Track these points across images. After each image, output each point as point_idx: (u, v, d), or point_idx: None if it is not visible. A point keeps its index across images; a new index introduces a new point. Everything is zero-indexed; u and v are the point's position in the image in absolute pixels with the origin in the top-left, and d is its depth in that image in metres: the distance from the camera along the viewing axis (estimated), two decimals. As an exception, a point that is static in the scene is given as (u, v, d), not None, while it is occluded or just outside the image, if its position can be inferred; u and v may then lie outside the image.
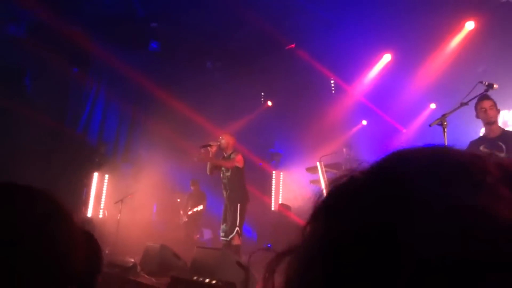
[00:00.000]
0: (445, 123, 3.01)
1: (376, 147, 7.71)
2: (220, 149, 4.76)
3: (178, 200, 8.46)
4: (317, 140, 8.03)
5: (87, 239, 0.73)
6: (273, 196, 9.25)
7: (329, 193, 0.38)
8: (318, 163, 6.23)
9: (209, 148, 4.67)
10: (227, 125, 8.28)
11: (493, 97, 3.49)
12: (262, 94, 9.66)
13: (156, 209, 8.70)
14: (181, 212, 7.88)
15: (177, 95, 8.44)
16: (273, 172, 9.48)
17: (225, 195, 4.69)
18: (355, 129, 8.81)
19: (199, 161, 4.65)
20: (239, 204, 4.60)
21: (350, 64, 7.65)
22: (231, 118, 8.85)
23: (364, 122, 8.84)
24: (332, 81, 8.68)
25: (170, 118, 8.41)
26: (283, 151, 9.71)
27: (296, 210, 7.47)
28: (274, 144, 9.91)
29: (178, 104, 8.46)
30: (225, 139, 4.78)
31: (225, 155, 4.81)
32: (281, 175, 9.50)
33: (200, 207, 7.46)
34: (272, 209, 8.98)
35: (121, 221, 6.53)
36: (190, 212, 7.64)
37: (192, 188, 7.85)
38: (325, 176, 6.35)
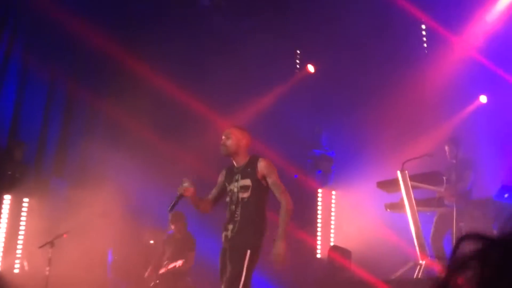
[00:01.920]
0: None
1: (506, 142, 7.83)
2: (226, 154, 4.87)
3: (151, 242, 8.45)
4: (397, 133, 8.28)
5: None
6: (319, 233, 9.18)
7: None
8: (399, 174, 6.33)
9: (181, 198, 4.83)
10: (236, 111, 8.55)
11: None
12: (298, 53, 9.62)
13: (112, 257, 8.62)
14: (148, 269, 7.85)
15: (149, 57, 8.49)
16: (319, 190, 9.39)
17: (228, 231, 4.79)
18: (466, 110, 8.70)
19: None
20: (249, 251, 4.64)
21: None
22: (243, 97, 9.01)
23: (483, 99, 8.66)
24: (423, 28, 8.66)
25: (137, 99, 8.53)
26: (336, 153, 9.60)
27: (362, 258, 7.52)
28: (319, 141, 9.75)
29: (151, 75, 8.57)
30: (233, 138, 4.88)
31: (236, 165, 4.89)
32: (333, 196, 9.37)
33: (179, 263, 7.41)
34: (318, 256, 8.97)
35: (53, 277, 6.62)
36: (163, 270, 7.60)
37: (172, 227, 7.77)
38: (413, 197, 6.33)
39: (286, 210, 4.65)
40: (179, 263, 7.40)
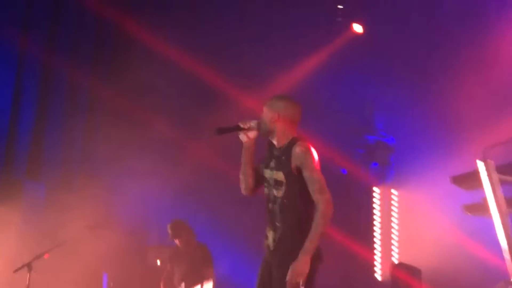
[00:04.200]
0: None
1: None
2: (262, 133, 4.90)
3: (158, 263, 8.52)
4: (478, 110, 8.28)
5: None
6: (377, 247, 9.27)
7: None
8: (480, 164, 6.29)
9: (240, 133, 4.89)
10: (262, 86, 8.72)
11: None
12: (340, 8, 9.69)
13: (108, 283, 8.55)
14: None
15: (151, 19, 8.76)
16: (375, 189, 9.48)
17: (269, 240, 4.81)
18: None
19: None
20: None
21: None
22: (270, 68, 9.17)
23: None
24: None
25: (137, 73, 8.76)
26: (396, 140, 9.63)
27: (435, 278, 7.68)
28: (373, 124, 9.79)
29: (155, 40, 8.81)
30: (269, 114, 4.86)
31: (276, 146, 4.91)
32: (394, 197, 9.44)
33: None
34: (378, 277, 9.02)
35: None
36: None
37: (176, 241, 7.80)
38: (501, 195, 6.25)
39: (322, 216, 4.52)
40: None
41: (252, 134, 4.78)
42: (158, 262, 8.45)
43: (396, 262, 8.76)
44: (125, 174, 8.30)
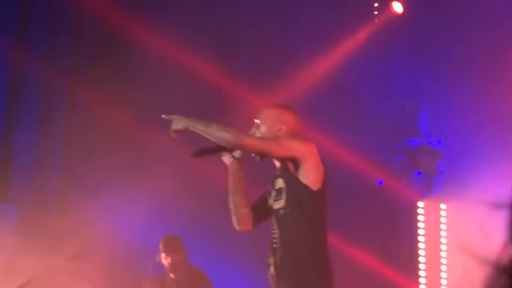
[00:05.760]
0: None
1: None
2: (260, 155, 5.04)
3: None
4: None
5: None
6: (422, 274, 9.06)
7: None
8: None
9: (225, 155, 5.06)
10: (282, 81, 8.86)
11: None
12: None
13: None
14: None
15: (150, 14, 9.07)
16: (420, 204, 9.28)
17: (271, 268, 4.96)
18: None
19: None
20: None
21: None
22: (292, 58, 9.34)
23: None
24: None
25: (128, 74, 9.00)
26: (444, 143, 9.37)
27: None
28: (415, 125, 9.55)
29: (153, 37, 8.91)
30: (267, 123, 5.02)
31: (277, 166, 5.13)
32: (443, 212, 9.19)
33: None
34: None
35: None
36: None
37: (165, 261, 7.60)
38: None
39: (229, 128, 4.67)
40: None
41: (238, 153, 4.87)
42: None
43: (443, 292, 8.61)
44: (118, 195, 8.17)
